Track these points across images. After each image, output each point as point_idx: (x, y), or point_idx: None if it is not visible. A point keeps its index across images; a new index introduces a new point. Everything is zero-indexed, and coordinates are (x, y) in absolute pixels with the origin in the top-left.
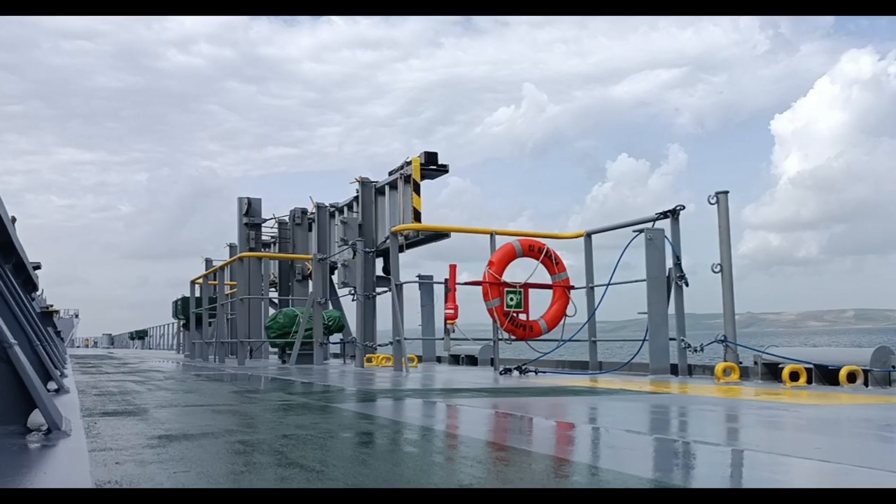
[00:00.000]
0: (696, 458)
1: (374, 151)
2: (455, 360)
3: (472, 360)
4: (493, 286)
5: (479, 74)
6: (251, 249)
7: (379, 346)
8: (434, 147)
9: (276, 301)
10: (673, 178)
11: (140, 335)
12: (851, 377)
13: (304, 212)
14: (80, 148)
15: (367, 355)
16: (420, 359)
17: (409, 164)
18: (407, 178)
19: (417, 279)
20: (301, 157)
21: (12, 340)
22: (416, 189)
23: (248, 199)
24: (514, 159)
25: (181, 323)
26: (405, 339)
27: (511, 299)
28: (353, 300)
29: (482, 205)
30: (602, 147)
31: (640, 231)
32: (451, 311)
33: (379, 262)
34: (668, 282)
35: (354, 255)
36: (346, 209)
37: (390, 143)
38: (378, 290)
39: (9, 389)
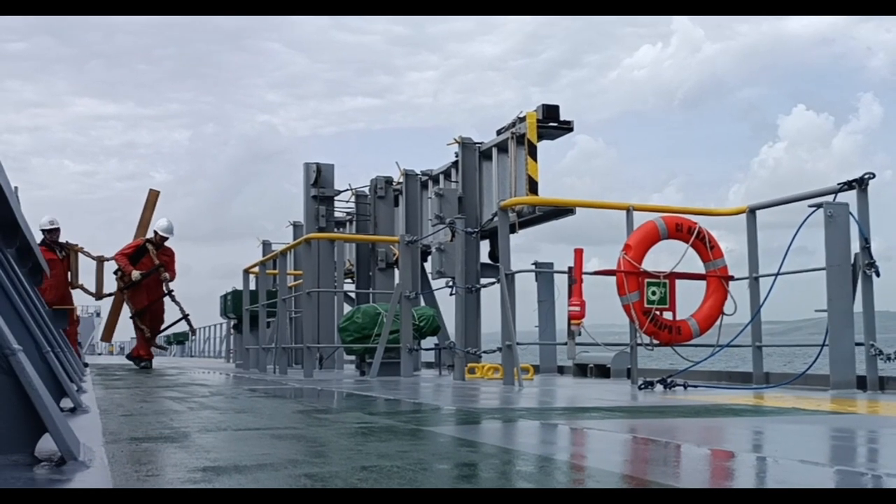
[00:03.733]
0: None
1: (478, 103)
2: (581, 370)
3: (602, 371)
4: (631, 276)
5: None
6: (321, 229)
7: (484, 352)
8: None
9: (352, 295)
10: (863, 138)
11: (179, 339)
12: None
13: (388, 181)
14: (101, 98)
15: (470, 365)
16: (537, 369)
17: (522, 120)
18: (520, 139)
19: (533, 267)
20: (385, 109)
21: (15, 346)
22: (533, 152)
23: (318, 164)
24: (660, 113)
25: (231, 324)
26: (518, 344)
27: (653, 293)
28: (451, 294)
29: (617, 172)
30: (773, 97)
31: (819, 206)
32: (577, 309)
33: (485, 246)
34: (853, 271)
35: (453, 236)
36: (442, 178)
37: (500, 93)
38: (483, 281)
39: (11, 408)
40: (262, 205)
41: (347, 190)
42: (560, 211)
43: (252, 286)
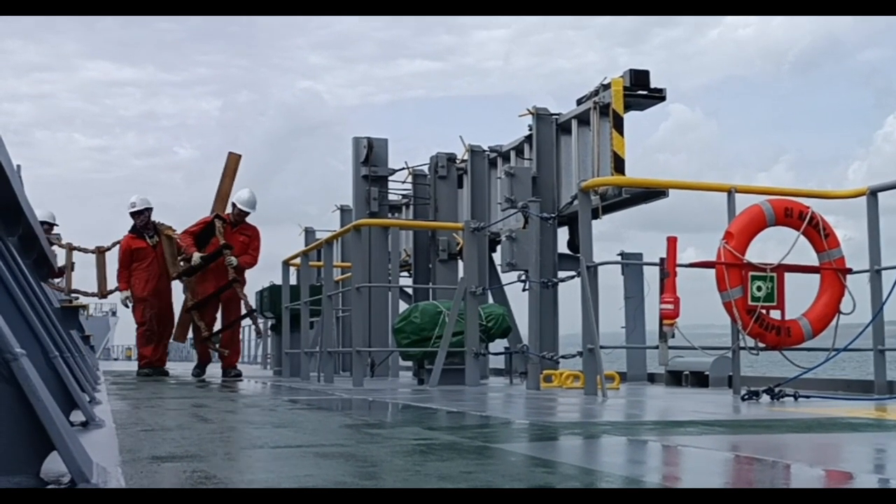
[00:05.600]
0: None
1: (556, 67)
2: (675, 378)
3: (700, 379)
4: (733, 269)
5: None
6: (373, 214)
7: (562, 357)
8: (646, 61)
9: (409, 291)
10: None
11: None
12: None
13: (450, 159)
14: (116, 61)
15: (545, 371)
16: (623, 377)
17: (607, 87)
18: (604, 109)
19: (619, 258)
20: (448, 75)
21: (18, 349)
22: (619, 125)
23: (369, 139)
24: (768, 79)
25: (268, 324)
26: (601, 347)
27: (758, 288)
28: (523, 290)
29: (718, 147)
30: None
31: None
32: (670, 307)
33: (563, 234)
34: None
35: (526, 223)
36: (513, 155)
37: (581, 55)
38: (561, 274)
39: (13, 422)
40: (304, 186)
41: (403, 169)
42: (650, 193)
43: (293, 280)
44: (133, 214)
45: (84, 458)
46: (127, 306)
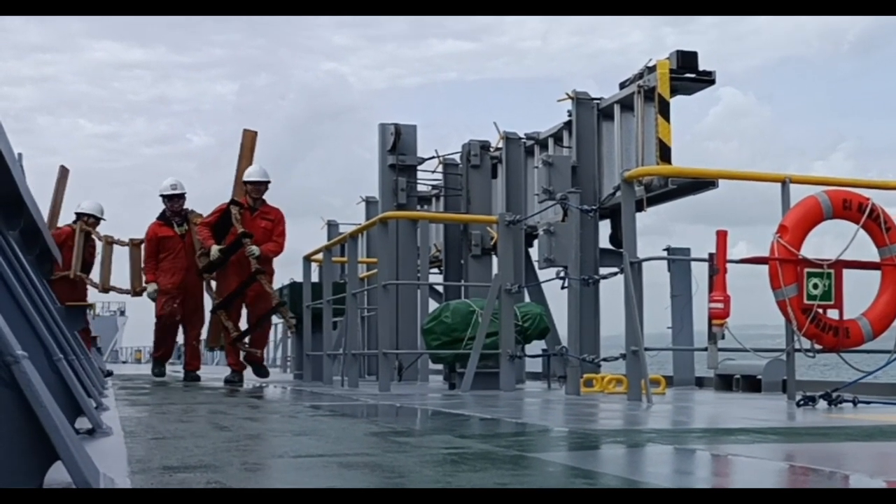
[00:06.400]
0: None
1: (598, 48)
2: (725, 382)
3: (752, 384)
4: (787, 265)
5: None
6: (400, 206)
7: (603, 360)
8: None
9: (439, 289)
10: None
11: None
12: None
13: (484, 147)
14: (125, 41)
15: (586, 376)
16: (669, 381)
17: (652, 69)
18: (649, 93)
19: (666, 254)
20: (481, 55)
21: (19, 351)
22: (664, 110)
23: (397, 126)
24: (826, 60)
25: (289, 325)
26: (646, 350)
27: (815, 286)
28: (562, 288)
29: (772, 134)
30: None
31: None
32: (720, 307)
33: (605, 228)
34: None
35: (565, 215)
36: (551, 142)
37: (625, 35)
38: (603, 271)
39: (14, 430)
40: (327, 175)
41: (433, 157)
42: (699, 184)
43: (314, 277)
44: (168, 198)
45: (90, 468)
46: (154, 300)
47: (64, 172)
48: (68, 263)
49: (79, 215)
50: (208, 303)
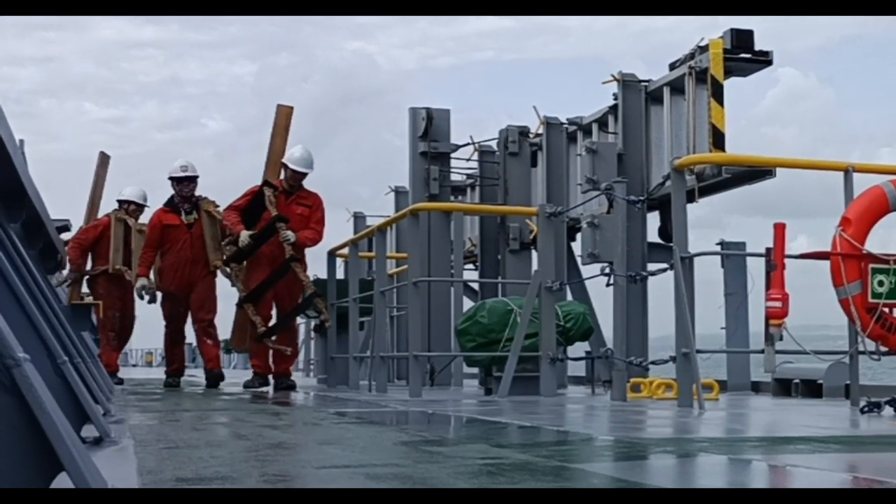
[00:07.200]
0: None
1: (646, 26)
2: (783, 387)
3: (812, 389)
4: (851, 261)
5: None
6: (432, 197)
7: (651, 363)
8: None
9: (474, 287)
10: None
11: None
12: None
13: (523, 133)
14: (134, 18)
15: (633, 380)
16: (723, 386)
17: (704, 49)
18: (701, 75)
19: (719, 248)
20: (521, 34)
21: (20, 354)
22: (718, 93)
23: (428, 110)
24: (893, 39)
25: (312, 324)
26: (698, 352)
27: (880, 283)
28: (607, 285)
29: (834, 119)
30: None
31: None
32: (778, 305)
33: (653, 220)
34: None
35: (610, 207)
36: (595, 128)
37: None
38: (651, 267)
39: (15, 438)
40: (353, 164)
41: (468, 144)
42: (755, 172)
43: (340, 274)
44: (177, 181)
45: (97, 480)
46: (142, 298)
47: (104, 159)
48: (106, 257)
49: (120, 203)
50: (224, 298)
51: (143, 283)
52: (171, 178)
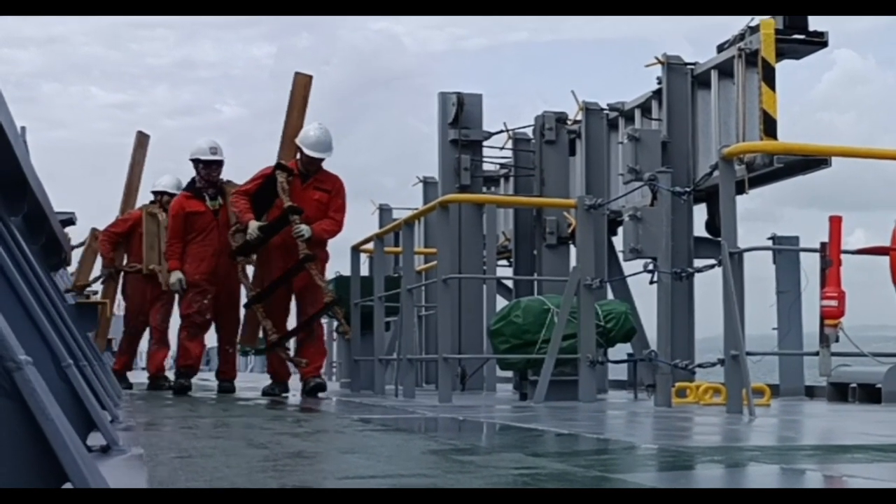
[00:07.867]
0: None
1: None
2: (840, 392)
3: (870, 394)
4: None
5: None
6: (464, 189)
7: (698, 367)
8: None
9: (508, 284)
10: None
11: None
12: None
13: (560, 119)
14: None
15: (678, 384)
16: (775, 390)
17: (755, 30)
18: (751, 57)
19: (771, 243)
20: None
21: (22, 356)
22: (769, 77)
23: (459, 95)
24: None
25: (334, 325)
26: (748, 354)
27: None
28: (651, 282)
29: (894, 103)
30: None
31: None
32: (834, 304)
33: (700, 213)
34: None
35: (654, 199)
36: (638, 114)
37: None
38: (698, 263)
39: (16, 446)
40: (378, 152)
41: (502, 132)
42: (809, 162)
43: (364, 271)
44: (204, 164)
45: None
46: (178, 292)
47: (142, 139)
48: (138, 255)
49: (156, 195)
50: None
51: (179, 276)
52: (198, 161)
